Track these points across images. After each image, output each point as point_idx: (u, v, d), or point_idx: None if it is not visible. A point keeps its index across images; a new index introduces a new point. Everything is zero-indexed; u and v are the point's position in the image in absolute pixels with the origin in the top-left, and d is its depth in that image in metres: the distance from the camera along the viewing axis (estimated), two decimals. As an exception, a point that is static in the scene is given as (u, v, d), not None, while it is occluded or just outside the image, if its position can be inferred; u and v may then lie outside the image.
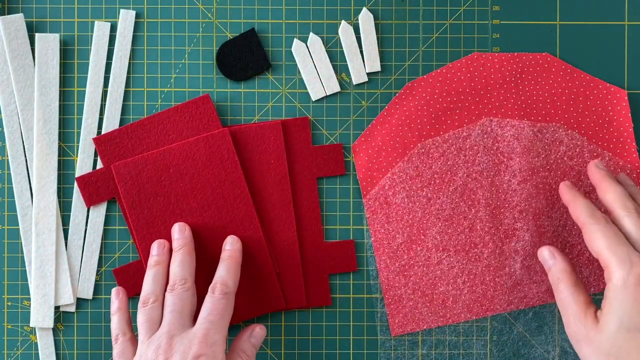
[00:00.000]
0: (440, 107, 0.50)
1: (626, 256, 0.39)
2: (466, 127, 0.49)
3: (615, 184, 0.43)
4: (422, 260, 0.50)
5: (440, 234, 0.50)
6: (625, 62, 0.51)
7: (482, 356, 0.51)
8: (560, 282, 0.43)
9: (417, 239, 0.50)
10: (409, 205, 0.49)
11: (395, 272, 0.50)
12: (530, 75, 0.50)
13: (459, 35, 0.51)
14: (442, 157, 0.49)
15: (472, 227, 0.49)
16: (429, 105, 0.50)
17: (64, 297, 0.50)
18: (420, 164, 0.49)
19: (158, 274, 0.46)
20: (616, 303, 0.39)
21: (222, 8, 0.51)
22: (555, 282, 0.43)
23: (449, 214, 0.49)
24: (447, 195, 0.49)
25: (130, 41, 0.50)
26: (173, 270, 0.46)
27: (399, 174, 0.49)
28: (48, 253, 0.49)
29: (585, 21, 0.51)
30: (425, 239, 0.50)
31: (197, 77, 0.50)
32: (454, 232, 0.50)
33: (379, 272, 0.50)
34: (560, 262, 0.44)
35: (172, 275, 0.45)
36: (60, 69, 0.50)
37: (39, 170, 0.49)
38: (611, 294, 0.39)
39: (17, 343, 0.50)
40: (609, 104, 0.50)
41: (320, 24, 0.51)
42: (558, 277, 0.43)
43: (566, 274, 0.43)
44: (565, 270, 0.43)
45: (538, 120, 0.50)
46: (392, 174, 0.49)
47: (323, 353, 0.51)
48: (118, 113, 0.50)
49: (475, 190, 0.49)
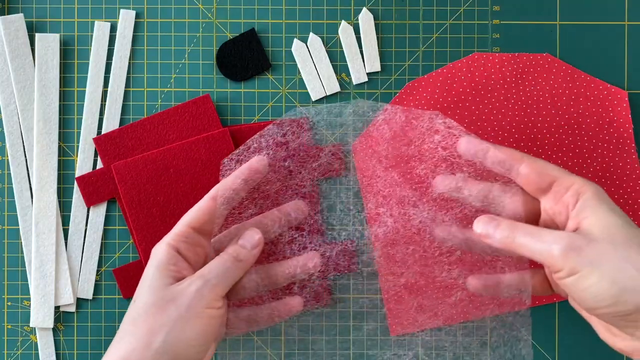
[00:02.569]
0: (441, 107, 0.50)
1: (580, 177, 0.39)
2: (339, 104, 0.47)
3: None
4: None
5: (296, 211, 0.46)
6: (625, 62, 0.51)
7: (482, 356, 0.51)
8: (516, 234, 0.39)
9: (269, 213, 0.46)
10: (268, 174, 0.46)
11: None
12: (530, 76, 0.50)
13: (459, 35, 0.51)
14: (311, 130, 0.46)
15: (331, 207, 0.47)
16: (429, 105, 0.50)
17: (64, 297, 0.50)
18: (289, 131, 0.46)
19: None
20: (606, 205, 0.38)
21: (222, 8, 0.51)
22: (509, 241, 0.39)
23: (308, 190, 0.47)
24: (309, 172, 0.47)
25: (130, 41, 0.50)
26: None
27: (267, 137, 0.46)
28: (48, 253, 0.49)
29: (585, 21, 0.51)
30: (279, 213, 0.46)
31: (197, 77, 0.50)
32: (312, 212, 0.47)
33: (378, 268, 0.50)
34: (505, 219, 0.40)
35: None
36: (60, 69, 0.50)
37: (39, 170, 0.49)
38: (593, 202, 0.38)
39: (17, 343, 0.50)
40: (609, 105, 0.50)
41: (320, 24, 0.51)
42: (510, 230, 0.39)
43: (517, 224, 0.40)
44: (514, 222, 0.40)
45: (538, 120, 0.50)
46: (261, 135, 0.46)
47: (323, 353, 0.51)
48: (118, 113, 0.50)
49: (338, 172, 0.47)
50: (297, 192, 0.47)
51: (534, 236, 0.38)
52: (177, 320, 0.37)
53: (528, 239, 0.38)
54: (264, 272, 0.44)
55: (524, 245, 0.38)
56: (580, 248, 0.36)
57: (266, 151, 0.45)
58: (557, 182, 0.40)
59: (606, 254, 0.36)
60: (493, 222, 0.40)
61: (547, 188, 0.40)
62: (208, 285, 0.39)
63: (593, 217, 0.38)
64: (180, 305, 0.38)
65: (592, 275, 0.35)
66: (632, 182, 0.50)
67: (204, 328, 0.38)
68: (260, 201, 0.45)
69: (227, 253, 0.41)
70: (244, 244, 0.41)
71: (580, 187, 0.39)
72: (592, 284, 0.36)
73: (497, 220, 0.40)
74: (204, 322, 0.38)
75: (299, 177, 0.47)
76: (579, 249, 0.36)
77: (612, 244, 0.36)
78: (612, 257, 0.36)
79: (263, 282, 0.44)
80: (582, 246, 0.36)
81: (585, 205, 0.38)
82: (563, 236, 0.37)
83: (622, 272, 0.35)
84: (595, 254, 0.36)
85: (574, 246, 0.36)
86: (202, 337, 0.38)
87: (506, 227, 0.39)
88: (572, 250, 0.36)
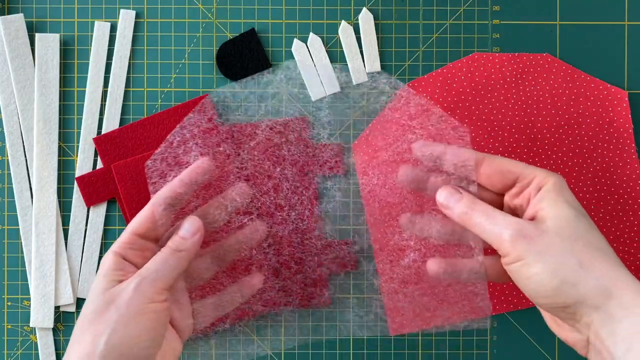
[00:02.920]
0: (440, 107, 0.50)
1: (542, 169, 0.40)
2: (266, 71, 0.46)
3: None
4: (212, 219, 0.44)
5: (241, 195, 0.44)
6: (625, 62, 0.51)
7: (482, 356, 0.51)
8: (473, 212, 0.39)
9: (214, 202, 0.44)
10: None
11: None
12: (530, 76, 0.50)
13: (459, 35, 0.51)
14: (240, 107, 0.45)
15: (277, 187, 0.46)
16: (429, 105, 0.50)
17: (64, 297, 0.50)
18: (214, 115, 0.44)
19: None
20: (563, 197, 0.38)
21: (222, 8, 0.51)
22: (466, 217, 0.40)
23: (250, 172, 0.45)
24: (248, 151, 0.45)
25: (130, 41, 0.50)
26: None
27: (190, 127, 0.44)
28: (48, 253, 0.49)
29: (585, 21, 0.51)
30: (224, 200, 0.44)
31: (197, 77, 0.50)
32: (257, 193, 0.46)
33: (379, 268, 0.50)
34: (468, 194, 0.41)
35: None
36: (60, 69, 0.50)
37: (39, 170, 0.49)
38: (551, 194, 0.38)
39: (17, 343, 0.50)
40: (609, 105, 0.50)
41: (320, 24, 0.51)
42: (469, 207, 0.40)
43: (477, 202, 0.40)
44: (475, 199, 0.40)
45: (538, 120, 0.50)
46: (182, 128, 0.44)
47: (323, 353, 0.51)
48: (118, 113, 0.50)
49: (280, 145, 0.46)
50: (239, 175, 0.45)
51: (489, 217, 0.38)
52: (118, 320, 0.37)
53: (484, 219, 0.39)
54: (218, 255, 0.45)
55: (478, 224, 0.39)
56: (529, 236, 0.37)
57: (193, 142, 0.44)
58: (520, 178, 0.40)
59: (552, 246, 0.36)
60: (456, 195, 0.40)
61: (511, 185, 0.41)
62: (146, 280, 0.39)
63: (548, 209, 0.38)
64: (120, 306, 0.38)
65: (536, 265, 0.36)
66: (632, 182, 0.50)
67: (149, 323, 0.38)
68: (202, 192, 0.44)
69: (167, 247, 0.41)
70: (184, 234, 0.41)
71: (542, 179, 0.39)
72: (535, 273, 0.36)
73: (460, 194, 0.40)
74: (149, 318, 0.38)
75: (238, 159, 0.45)
76: (528, 237, 0.37)
77: (560, 236, 0.37)
78: (557, 249, 0.36)
79: (218, 262, 0.45)
80: (531, 235, 0.37)
81: (543, 196, 0.39)
82: (515, 222, 0.37)
83: (564, 264, 0.36)
84: (542, 244, 0.36)
85: (523, 233, 0.37)
86: (149, 332, 0.38)
87: (466, 203, 0.40)
88: (521, 237, 0.37)
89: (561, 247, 0.36)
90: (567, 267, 0.36)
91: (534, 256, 0.36)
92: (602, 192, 0.50)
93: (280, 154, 0.46)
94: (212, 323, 0.46)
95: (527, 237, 0.37)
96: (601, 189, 0.50)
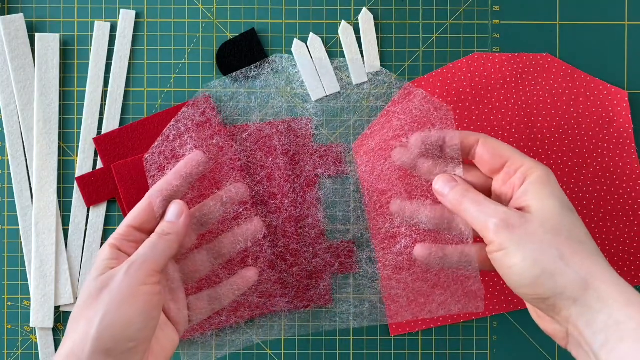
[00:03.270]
0: (440, 107, 0.50)
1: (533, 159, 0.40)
2: (254, 65, 0.46)
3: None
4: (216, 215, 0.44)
5: (238, 193, 0.45)
6: (625, 62, 0.51)
7: (482, 356, 0.51)
8: (464, 199, 0.40)
9: (209, 194, 0.45)
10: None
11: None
12: (530, 76, 0.50)
13: (459, 35, 0.51)
14: (232, 100, 0.45)
15: (270, 176, 0.46)
16: (429, 105, 0.50)
17: (64, 297, 0.50)
18: (207, 108, 0.45)
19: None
20: (549, 189, 0.39)
21: (222, 8, 0.51)
22: (457, 204, 0.40)
23: (244, 163, 0.46)
24: (241, 143, 0.46)
25: (130, 41, 0.50)
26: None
27: (184, 121, 0.45)
28: (48, 253, 0.49)
29: (585, 21, 0.51)
30: (222, 193, 0.45)
31: (197, 77, 0.50)
32: (251, 183, 0.46)
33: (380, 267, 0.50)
34: (462, 183, 0.42)
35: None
36: (60, 69, 0.50)
37: (39, 170, 0.49)
38: (536, 186, 0.39)
39: (17, 343, 0.50)
40: (609, 105, 0.50)
41: (320, 24, 0.51)
42: (461, 195, 0.40)
43: (469, 190, 0.41)
44: (469, 187, 0.41)
45: (538, 120, 0.50)
46: (177, 121, 0.45)
47: (323, 353, 0.51)
48: (118, 113, 0.50)
49: (271, 136, 0.47)
50: (232, 167, 0.46)
51: (478, 205, 0.39)
52: (111, 302, 0.38)
53: (473, 207, 0.39)
54: (214, 250, 0.45)
55: (467, 211, 0.40)
56: (513, 226, 0.37)
57: (188, 135, 0.45)
58: (509, 163, 0.41)
59: (534, 236, 0.37)
60: (451, 182, 0.41)
61: (499, 168, 0.41)
62: (137, 264, 0.39)
63: (533, 200, 0.38)
64: (112, 289, 0.38)
65: (517, 254, 0.36)
66: (632, 182, 0.50)
67: (142, 305, 0.38)
68: (197, 183, 0.45)
69: (155, 232, 0.42)
70: (170, 218, 0.42)
71: (529, 169, 0.40)
72: (516, 263, 0.36)
73: (455, 182, 0.41)
74: (143, 300, 0.38)
75: (231, 151, 0.46)
76: (512, 227, 0.37)
77: (543, 228, 0.37)
78: (539, 240, 0.37)
79: (214, 257, 0.45)
80: (515, 225, 0.37)
81: (528, 187, 0.39)
82: (501, 211, 0.38)
83: (545, 255, 0.36)
84: (524, 234, 0.37)
85: (507, 223, 0.37)
86: (142, 314, 0.38)
87: (459, 191, 0.41)
88: (505, 226, 0.37)
89: (543, 239, 0.37)
90: (548, 258, 0.36)
91: (515, 246, 0.37)
92: (602, 192, 0.50)
93: (271, 144, 0.47)
94: (208, 316, 0.46)
95: (510, 227, 0.37)
96: (601, 189, 0.50)
